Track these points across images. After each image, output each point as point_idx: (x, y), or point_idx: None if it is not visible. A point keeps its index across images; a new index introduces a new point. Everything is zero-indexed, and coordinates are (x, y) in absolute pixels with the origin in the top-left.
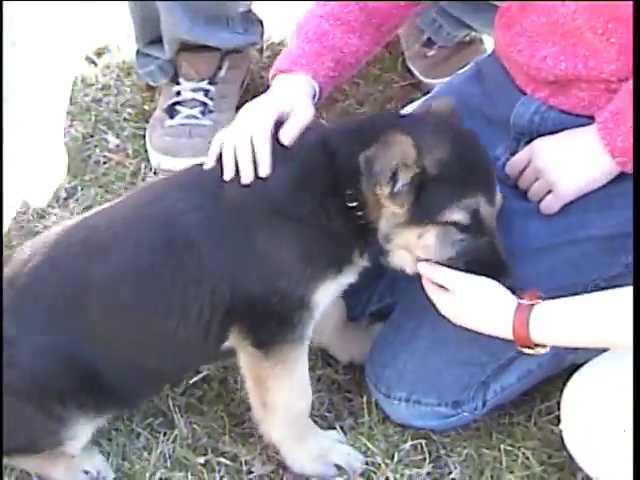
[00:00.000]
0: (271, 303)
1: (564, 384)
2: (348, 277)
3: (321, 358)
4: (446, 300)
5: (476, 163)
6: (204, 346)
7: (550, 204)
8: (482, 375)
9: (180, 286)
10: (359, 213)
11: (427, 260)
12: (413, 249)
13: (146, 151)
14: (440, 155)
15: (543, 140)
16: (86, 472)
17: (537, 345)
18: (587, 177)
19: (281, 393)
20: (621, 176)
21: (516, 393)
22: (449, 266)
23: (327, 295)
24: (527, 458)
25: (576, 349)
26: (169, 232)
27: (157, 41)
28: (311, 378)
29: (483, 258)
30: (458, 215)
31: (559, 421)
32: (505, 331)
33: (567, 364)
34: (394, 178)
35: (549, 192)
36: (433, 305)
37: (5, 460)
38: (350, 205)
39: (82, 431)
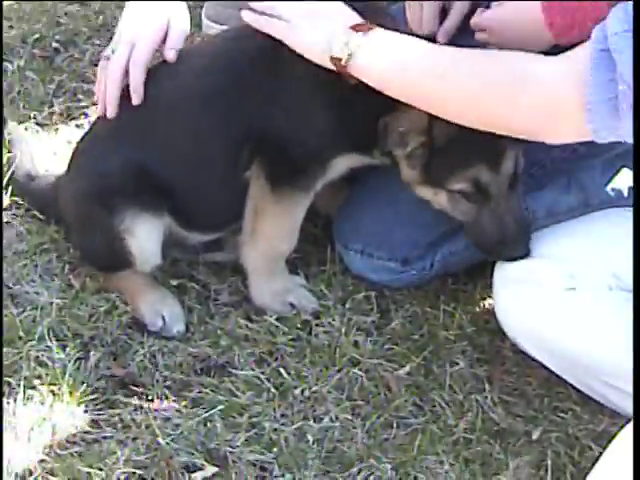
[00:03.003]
0: (294, 151)
1: None
2: (373, 160)
3: None
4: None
5: (482, 135)
6: (234, 172)
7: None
8: (430, 236)
9: (229, 112)
10: None
11: None
12: (431, 201)
13: None
14: (449, 129)
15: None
16: (163, 317)
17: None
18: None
19: (272, 228)
20: None
21: (466, 262)
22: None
23: (346, 164)
24: (462, 319)
25: None
26: (233, 65)
27: None
28: None
29: (491, 226)
30: (460, 184)
31: None
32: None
33: None
34: (405, 142)
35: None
36: None
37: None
38: None
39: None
